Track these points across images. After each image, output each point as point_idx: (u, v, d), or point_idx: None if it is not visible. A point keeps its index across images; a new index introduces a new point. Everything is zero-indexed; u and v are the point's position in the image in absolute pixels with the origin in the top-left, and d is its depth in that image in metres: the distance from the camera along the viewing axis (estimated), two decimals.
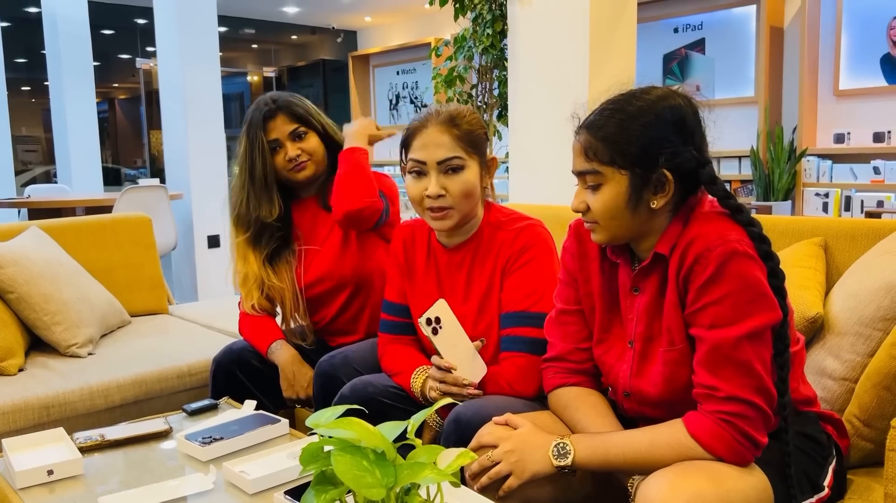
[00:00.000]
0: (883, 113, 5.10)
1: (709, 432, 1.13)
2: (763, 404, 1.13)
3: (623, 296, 1.33)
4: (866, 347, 1.43)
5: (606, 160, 1.21)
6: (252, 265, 1.98)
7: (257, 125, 1.93)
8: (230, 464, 1.41)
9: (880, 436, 1.37)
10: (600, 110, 1.24)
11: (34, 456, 1.48)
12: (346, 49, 9.72)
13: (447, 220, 1.58)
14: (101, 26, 8.24)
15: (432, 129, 1.57)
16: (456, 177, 1.56)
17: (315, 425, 0.95)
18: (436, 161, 1.56)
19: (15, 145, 7.31)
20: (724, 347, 1.14)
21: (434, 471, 0.91)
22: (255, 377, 1.98)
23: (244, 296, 2.02)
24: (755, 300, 1.13)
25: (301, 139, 1.96)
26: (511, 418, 1.31)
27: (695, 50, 5.91)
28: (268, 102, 1.95)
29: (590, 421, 1.31)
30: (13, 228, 2.53)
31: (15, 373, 2.11)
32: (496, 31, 3.74)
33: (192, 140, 4.83)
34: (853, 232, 1.70)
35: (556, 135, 3.15)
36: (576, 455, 1.21)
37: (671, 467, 1.12)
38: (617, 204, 1.22)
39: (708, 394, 1.15)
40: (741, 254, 1.14)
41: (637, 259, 1.31)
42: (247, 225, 1.97)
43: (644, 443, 1.18)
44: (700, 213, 1.23)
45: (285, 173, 1.97)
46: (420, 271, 1.73)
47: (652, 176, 1.20)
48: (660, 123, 1.19)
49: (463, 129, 1.58)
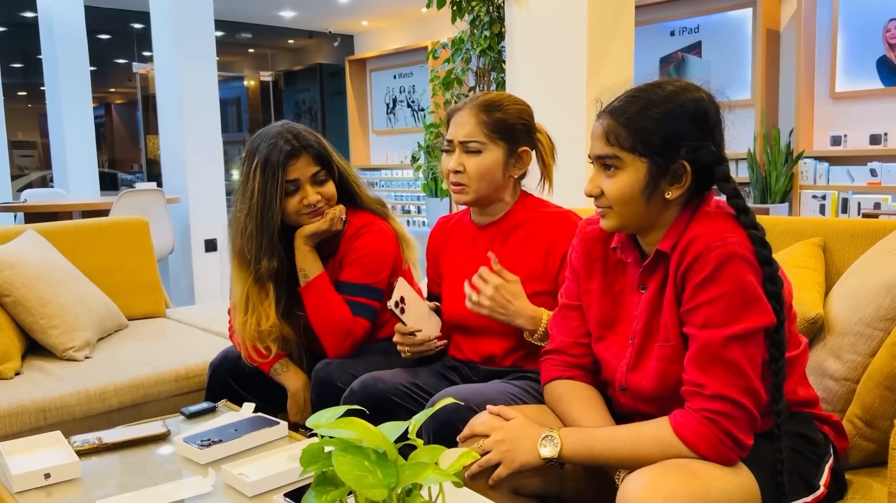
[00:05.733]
0: (879, 115, 5.11)
1: (692, 430, 1.14)
2: (749, 405, 1.13)
3: (631, 295, 1.33)
4: (867, 347, 1.43)
5: (627, 146, 1.21)
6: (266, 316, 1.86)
7: (277, 164, 1.77)
8: (229, 466, 1.40)
9: (882, 436, 1.37)
10: (625, 96, 1.25)
11: (31, 459, 1.47)
12: (343, 53, 9.73)
13: (462, 195, 1.70)
14: (98, 31, 8.23)
15: (465, 111, 1.69)
16: (475, 157, 1.67)
17: (315, 425, 0.94)
18: (458, 140, 1.68)
19: (11, 150, 7.30)
20: (713, 346, 1.14)
21: (436, 471, 0.90)
22: (251, 384, 1.96)
23: (248, 340, 1.88)
24: (748, 304, 1.14)
25: (321, 185, 1.85)
26: (504, 410, 1.34)
27: (691, 53, 5.92)
28: (289, 140, 1.79)
29: (581, 414, 1.33)
30: (10, 232, 2.52)
31: (11, 377, 2.09)
32: (494, 34, 3.74)
33: (189, 144, 4.82)
34: (852, 232, 1.69)
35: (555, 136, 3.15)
36: (563, 448, 1.23)
37: (655, 465, 1.12)
38: (633, 191, 1.22)
39: (695, 391, 1.16)
40: (739, 257, 1.14)
41: (645, 257, 1.31)
42: (248, 268, 1.85)
43: (629, 439, 1.19)
44: (705, 213, 1.23)
45: (296, 217, 1.83)
46: (453, 249, 1.83)
47: (671, 166, 1.20)
48: (683, 114, 1.20)
49: (494, 117, 1.67)
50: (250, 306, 1.86)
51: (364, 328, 1.85)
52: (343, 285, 1.87)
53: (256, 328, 1.86)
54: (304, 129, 1.87)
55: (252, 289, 1.86)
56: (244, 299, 1.86)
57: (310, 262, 1.85)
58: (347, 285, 1.87)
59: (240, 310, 1.87)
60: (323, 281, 1.85)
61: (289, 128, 1.84)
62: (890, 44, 5.01)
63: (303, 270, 1.85)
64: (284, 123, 1.87)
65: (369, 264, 1.87)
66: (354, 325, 1.83)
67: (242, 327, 1.87)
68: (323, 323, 1.83)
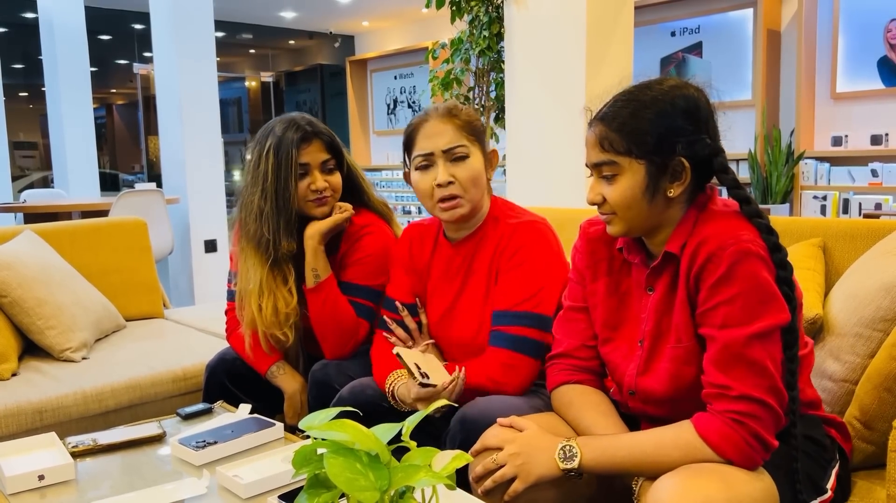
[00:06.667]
0: (880, 115, 5.09)
1: (718, 433, 1.12)
2: (775, 404, 1.12)
3: (637, 296, 1.32)
4: (866, 348, 1.42)
5: (622, 150, 1.20)
6: (286, 300, 1.83)
7: (290, 144, 1.76)
8: (224, 468, 1.39)
9: (881, 437, 1.36)
10: (613, 101, 1.24)
11: (25, 461, 1.46)
12: (344, 54, 9.72)
13: (458, 208, 1.60)
14: (99, 32, 8.23)
15: (434, 121, 1.62)
16: (463, 164, 1.60)
17: (308, 427, 0.94)
18: (441, 150, 1.59)
19: (12, 151, 7.31)
20: (735, 346, 1.12)
21: (429, 473, 0.89)
22: (248, 385, 1.95)
23: (265, 327, 1.84)
24: (766, 301, 1.13)
25: (330, 173, 1.84)
26: (516, 420, 1.30)
27: (692, 53, 5.91)
28: (302, 126, 1.79)
29: (593, 420, 1.30)
30: (7, 232, 2.52)
31: (8, 378, 2.09)
32: (493, 34, 3.73)
33: (189, 145, 4.82)
34: (852, 232, 1.69)
35: (554, 137, 3.15)
36: (582, 458, 1.19)
37: (682, 468, 1.10)
38: (634, 194, 1.21)
39: (720, 393, 1.14)
40: (753, 254, 1.13)
41: (652, 258, 1.30)
42: (266, 251, 1.80)
43: (651, 444, 1.17)
44: (711, 211, 1.22)
45: (303, 203, 1.81)
46: (425, 268, 1.74)
47: (669, 164, 1.20)
48: (675, 112, 1.20)
49: (463, 119, 1.62)
50: (267, 290, 1.81)
51: (365, 330, 1.84)
52: (345, 286, 1.85)
53: (274, 312, 1.81)
54: (318, 120, 1.87)
55: (270, 272, 1.81)
56: (259, 284, 1.81)
57: (322, 262, 1.82)
58: (350, 286, 1.85)
59: (254, 295, 1.82)
60: (332, 282, 1.82)
61: (302, 115, 1.84)
62: (891, 44, 5.00)
63: (315, 270, 1.82)
64: (299, 112, 1.87)
65: (371, 266, 1.86)
66: (357, 328, 1.82)
67: (258, 313, 1.82)
68: (328, 324, 1.81)
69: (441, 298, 1.70)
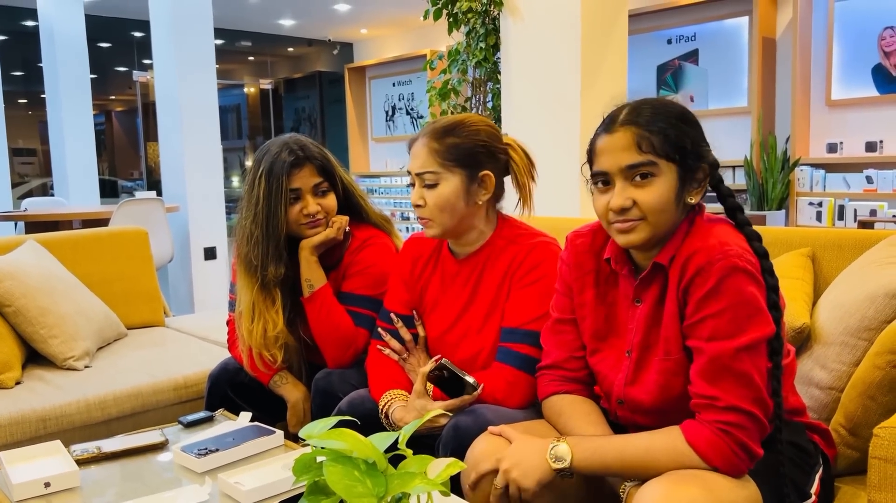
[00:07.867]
0: (875, 122, 5.13)
1: (706, 441, 1.15)
2: (761, 415, 1.15)
3: (624, 307, 1.34)
4: (852, 357, 1.45)
5: (661, 152, 1.20)
6: (274, 323, 1.86)
7: (281, 172, 1.79)
8: (225, 475, 1.42)
9: (865, 444, 1.37)
10: (636, 108, 1.24)
11: (31, 468, 1.49)
12: (343, 61, 9.76)
13: (429, 229, 1.64)
14: (98, 39, 8.26)
15: (419, 140, 1.63)
16: (431, 191, 1.60)
17: (308, 436, 0.97)
18: (415, 173, 1.62)
19: (12, 158, 7.32)
20: (723, 358, 1.15)
21: (424, 480, 0.92)
22: (250, 395, 1.98)
23: (255, 347, 1.88)
24: (752, 315, 1.16)
25: (322, 196, 1.87)
26: (505, 430, 1.32)
27: (688, 61, 5.95)
28: (294, 150, 1.82)
29: (583, 429, 1.32)
30: (10, 242, 2.55)
31: (12, 387, 2.12)
32: (489, 45, 3.77)
33: (189, 152, 4.84)
34: (840, 242, 1.72)
35: (549, 146, 3.18)
36: (574, 457, 1.21)
37: (667, 475, 1.13)
38: (668, 198, 1.22)
39: (708, 404, 1.16)
40: (741, 269, 1.16)
41: (639, 269, 1.32)
42: (254, 274, 1.85)
43: (641, 448, 1.19)
44: (700, 224, 1.25)
45: (295, 227, 1.85)
46: (425, 281, 1.75)
47: (697, 170, 1.24)
48: (693, 120, 1.25)
49: (446, 144, 1.59)
50: (257, 313, 1.87)
51: (365, 339, 1.86)
52: (346, 296, 1.89)
53: (263, 335, 1.86)
54: (311, 142, 1.89)
55: (258, 295, 1.86)
56: (250, 306, 1.87)
57: (315, 273, 1.86)
58: (350, 296, 1.89)
59: (246, 317, 1.88)
60: (327, 291, 1.86)
61: (296, 139, 1.87)
62: (885, 51, 5.04)
63: (308, 280, 1.86)
64: (292, 135, 1.89)
65: (372, 276, 1.89)
66: (356, 336, 1.85)
67: (249, 335, 1.87)
68: (326, 333, 1.84)
69: (444, 312, 1.71)
